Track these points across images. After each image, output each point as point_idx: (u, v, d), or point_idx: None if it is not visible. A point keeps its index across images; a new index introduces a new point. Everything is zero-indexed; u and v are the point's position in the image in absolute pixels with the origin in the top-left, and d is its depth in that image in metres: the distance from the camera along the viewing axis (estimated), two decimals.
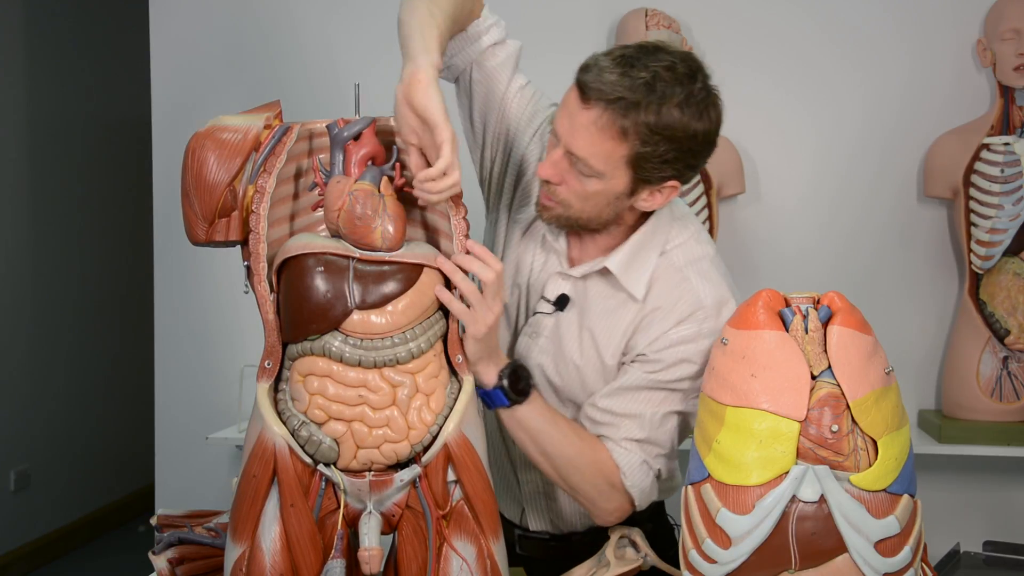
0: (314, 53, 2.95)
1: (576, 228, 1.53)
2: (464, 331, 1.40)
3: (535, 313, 1.60)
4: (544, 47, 2.90)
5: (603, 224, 1.52)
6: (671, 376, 1.49)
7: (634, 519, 1.67)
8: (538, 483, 1.66)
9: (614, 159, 1.42)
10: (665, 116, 1.39)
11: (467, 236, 1.40)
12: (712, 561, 1.15)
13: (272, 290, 1.35)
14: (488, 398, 1.46)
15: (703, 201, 2.66)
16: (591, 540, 1.63)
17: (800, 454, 1.12)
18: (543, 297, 1.59)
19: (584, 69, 1.42)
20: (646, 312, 1.53)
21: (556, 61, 1.78)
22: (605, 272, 1.54)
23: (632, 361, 1.53)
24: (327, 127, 1.38)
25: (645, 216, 1.55)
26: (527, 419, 1.47)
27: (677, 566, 1.67)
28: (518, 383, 1.46)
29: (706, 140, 1.44)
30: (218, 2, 3.02)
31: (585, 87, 1.40)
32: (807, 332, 1.15)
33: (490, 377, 1.44)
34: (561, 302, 1.57)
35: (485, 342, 1.41)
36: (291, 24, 2.98)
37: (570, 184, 1.46)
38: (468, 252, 1.40)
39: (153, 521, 1.59)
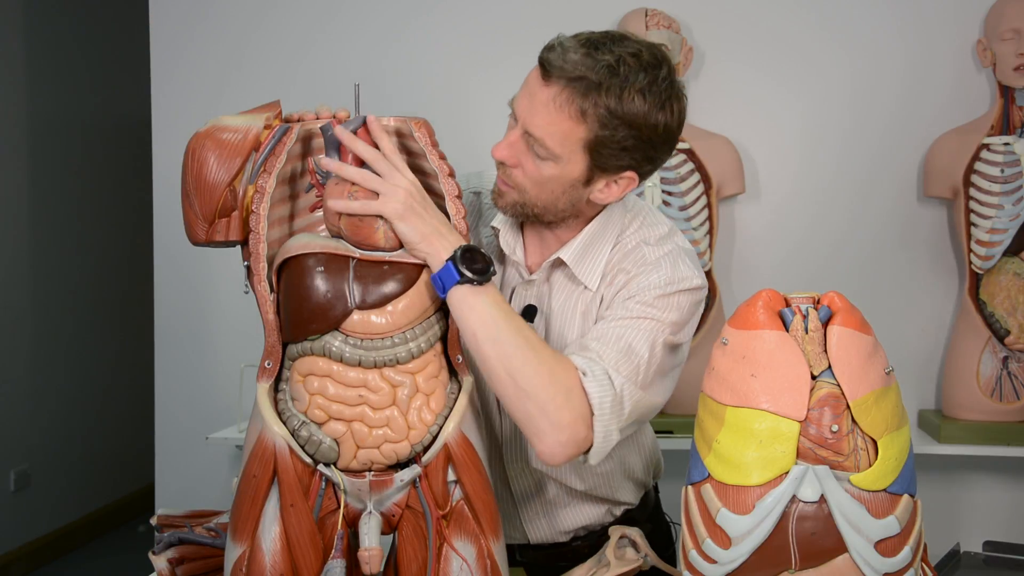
0: (314, 53, 2.95)
1: (531, 219, 1.50)
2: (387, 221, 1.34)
3: None
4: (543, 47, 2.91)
5: (558, 216, 1.49)
6: (628, 313, 1.44)
7: (634, 519, 1.67)
8: (529, 483, 1.62)
9: (571, 141, 1.39)
10: (626, 101, 1.37)
11: (467, 237, 1.40)
12: (712, 561, 1.15)
13: (272, 290, 1.35)
14: (438, 280, 1.33)
15: (703, 201, 2.67)
16: (592, 543, 1.62)
17: (800, 454, 1.12)
18: None
19: (548, 48, 1.40)
20: (602, 293, 1.52)
21: None
22: (562, 264, 1.53)
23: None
24: (321, 128, 1.38)
25: (600, 211, 1.53)
26: (480, 303, 1.33)
27: (675, 564, 1.68)
28: (473, 262, 1.33)
29: (667, 133, 1.42)
30: (218, 2, 3.03)
31: (548, 64, 1.38)
32: (807, 332, 1.15)
33: (439, 254, 1.33)
34: (528, 313, 1.55)
35: (413, 218, 1.33)
36: (291, 24, 2.98)
37: (526, 167, 1.43)
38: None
39: (153, 521, 1.59)
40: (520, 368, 1.33)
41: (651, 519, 1.71)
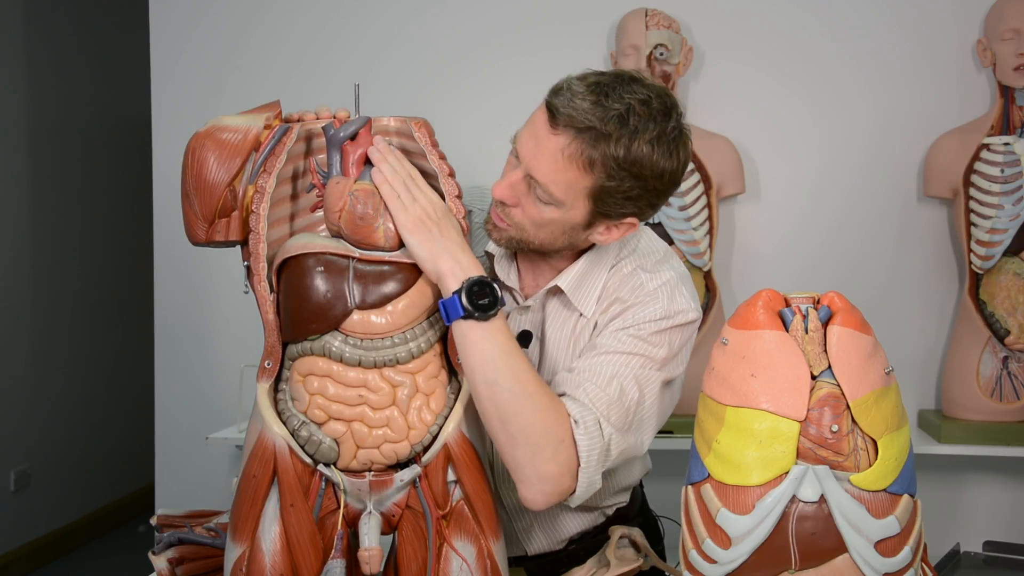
0: (314, 53, 2.95)
1: (527, 251, 1.50)
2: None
3: None
4: (544, 47, 2.91)
5: (555, 250, 1.49)
6: (621, 346, 1.44)
7: (625, 515, 1.67)
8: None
9: (576, 189, 1.38)
10: (635, 151, 1.35)
11: (465, 234, 1.40)
12: (712, 561, 1.15)
13: (272, 290, 1.35)
14: (443, 308, 1.33)
15: (703, 201, 2.66)
16: (588, 545, 1.62)
17: (800, 454, 1.12)
18: None
19: (555, 92, 1.38)
20: (596, 319, 1.51)
21: (555, 61, 1.79)
22: (558, 291, 1.53)
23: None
24: (323, 128, 1.38)
25: None
26: (481, 341, 1.33)
27: (665, 559, 1.68)
28: (480, 297, 1.32)
29: (671, 179, 1.41)
30: (218, 2, 3.03)
31: (555, 111, 1.36)
32: (807, 332, 1.15)
33: (448, 282, 1.33)
34: (523, 338, 1.54)
35: (421, 235, 1.33)
36: (291, 24, 2.98)
37: (526, 208, 1.42)
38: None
39: (153, 521, 1.59)
40: (513, 416, 1.33)
41: (640, 513, 1.72)
